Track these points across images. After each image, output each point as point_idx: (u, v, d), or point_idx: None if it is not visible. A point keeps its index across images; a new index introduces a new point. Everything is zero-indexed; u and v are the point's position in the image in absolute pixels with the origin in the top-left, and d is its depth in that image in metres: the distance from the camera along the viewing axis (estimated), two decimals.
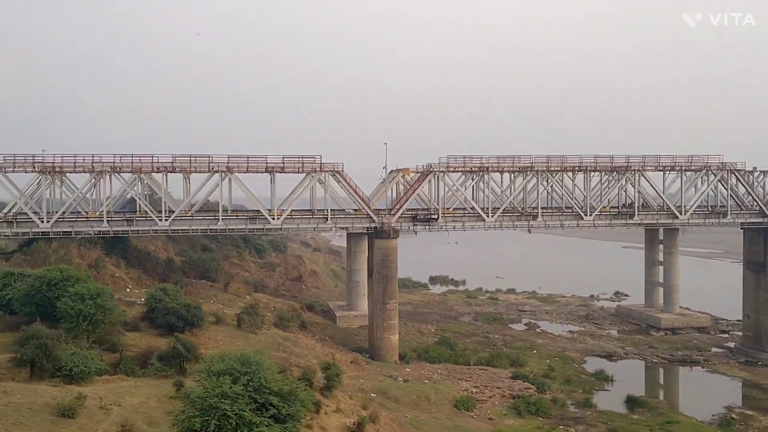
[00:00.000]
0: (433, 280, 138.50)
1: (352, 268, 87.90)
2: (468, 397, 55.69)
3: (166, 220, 63.46)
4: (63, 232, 62.86)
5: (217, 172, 64.07)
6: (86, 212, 66.15)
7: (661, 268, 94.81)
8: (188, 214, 65.45)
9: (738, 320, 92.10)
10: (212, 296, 69.68)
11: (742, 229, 78.42)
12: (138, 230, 64.01)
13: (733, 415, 56.00)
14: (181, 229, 65.40)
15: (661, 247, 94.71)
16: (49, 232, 62.19)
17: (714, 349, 79.44)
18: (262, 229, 67.64)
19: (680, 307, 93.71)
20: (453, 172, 70.96)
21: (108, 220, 62.91)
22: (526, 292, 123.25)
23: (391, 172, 78.73)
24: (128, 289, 64.42)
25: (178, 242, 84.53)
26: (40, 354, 36.49)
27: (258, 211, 66.25)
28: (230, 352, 29.73)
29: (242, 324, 58.74)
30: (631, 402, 59.19)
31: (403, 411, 48.99)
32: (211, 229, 66.18)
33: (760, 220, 75.54)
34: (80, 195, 66.34)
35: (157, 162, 64.16)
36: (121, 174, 64.00)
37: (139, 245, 75.92)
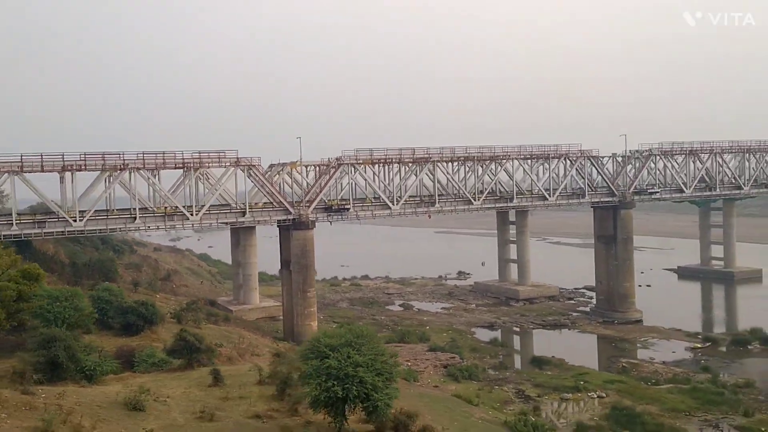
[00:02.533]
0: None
1: (243, 262, 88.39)
2: (411, 369, 60.53)
3: (80, 220, 60.69)
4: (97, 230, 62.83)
5: (125, 170, 62.51)
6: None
7: (512, 246, 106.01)
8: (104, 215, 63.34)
9: (578, 288, 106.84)
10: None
11: (592, 207, 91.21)
12: (53, 232, 60.62)
13: (623, 365, 66.38)
14: (98, 229, 63.01)
15: (511, 227, 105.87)
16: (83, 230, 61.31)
17: (574, 314, 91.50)
18: (182, 226, 67.01)
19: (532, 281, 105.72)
20: (360, 164, 74.94)
21: (17, 222, 58.91)
22: (380, 277, 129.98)
23: (273, 166, 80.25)
24: None
25: (63, 245, 79.60)
26: (65, 355, 35.64)
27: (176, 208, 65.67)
28: (334, 330, 31.89)
29: (183, 320, 58.48)
30: (537, 361, 67.72)
31: None
32: (128, 229, 64.43)
33: (610, 199, 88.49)
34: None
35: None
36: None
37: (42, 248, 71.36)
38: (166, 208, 65.93)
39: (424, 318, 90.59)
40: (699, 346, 72.56)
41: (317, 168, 77.46)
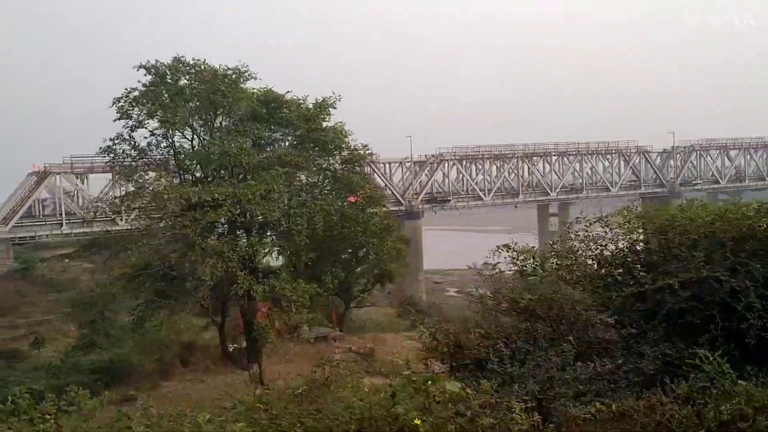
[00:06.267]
0: None
1: None
2: None
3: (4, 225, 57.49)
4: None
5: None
6: None
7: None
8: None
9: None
10: None
11: (641, 198, 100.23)
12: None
13: None
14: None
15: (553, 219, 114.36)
16: (131, 229, 61.33)
17: None
18: None
19: None
20: (458, 159, 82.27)
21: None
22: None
23: None
24: None
25: None
26: None
27: None
28: None
29: None
30: None
31: None
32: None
33: (660, 190, 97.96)
34: None
35: None
36: None
37: None
38: None
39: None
40: None
41: (413, 164, 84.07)
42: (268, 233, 24.53)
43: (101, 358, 34.01)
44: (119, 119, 25.48)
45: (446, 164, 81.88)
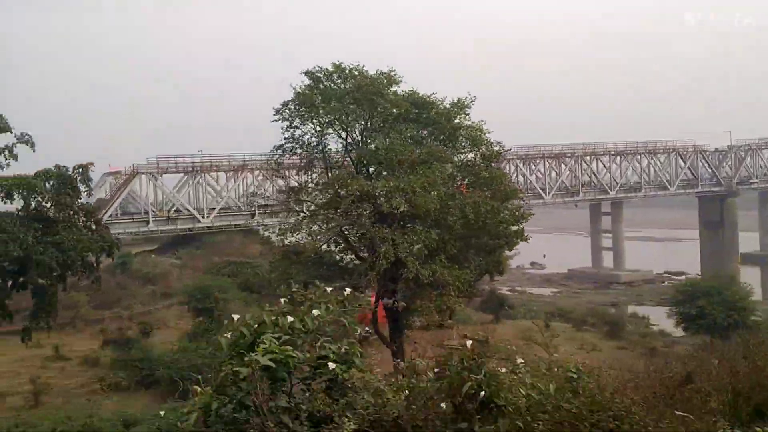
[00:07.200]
0: None
1: None
2: None
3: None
4: (224, 226, 65.75)
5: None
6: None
7: (604, 235, 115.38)
8: None
9: (659, 273, 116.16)
10: None
11: (697, 196, 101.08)
12: (184, 228, 66.63)
13: None
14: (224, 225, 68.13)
15: (604, 219, 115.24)
16: (211, 226, 64.94)
17: None
18: None
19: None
20: (519, 158, 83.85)
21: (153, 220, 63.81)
22: None
23: None
24: None
25: None
26: None
27: None
28: None
29: None
30: None
31: None
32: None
33: (718, 189, 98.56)
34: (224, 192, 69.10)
35: None
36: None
37: None
38: None
39: (549, 299, 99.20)
40: None
41: None
42: (417, 223, 26.47)
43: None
44: (277, 121, 28.07)
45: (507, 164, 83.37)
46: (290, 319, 5.61)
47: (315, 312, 5.74)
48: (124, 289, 56.30)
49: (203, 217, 64.63)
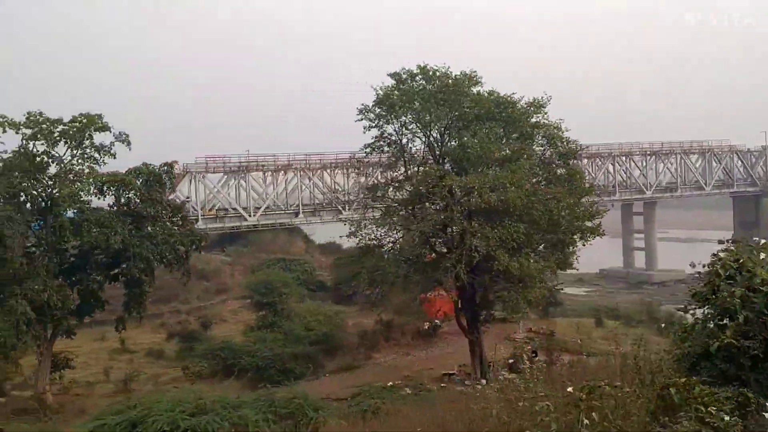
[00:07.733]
0: None
1: None
2: None
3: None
4: (269, 224, 67.29)
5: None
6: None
7: (635, 235, 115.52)
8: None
9: (699, 273, 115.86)
10: None
11: (731, 196, 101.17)
12: (231, 226, 68.69)
13: None
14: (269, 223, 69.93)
15: (635, 219, 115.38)
16: (257, 224, 66.50)
17: None
18: None
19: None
20: None
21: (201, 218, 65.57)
22: None
23: None
24: None
25: None
26: None
27: None
28: None
29: None
30: None
31: None
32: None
33: (753, 189, 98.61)
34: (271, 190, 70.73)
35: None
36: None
37: None
38: None
39: (583, 299, 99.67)
40: None
41: None
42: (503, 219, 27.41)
43: (317, 332, 37.75)
44: (360, 120, 29.34)
45: None
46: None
47: None
48: (183, 285, 57.64)
49: (249, 216, 66.17)
